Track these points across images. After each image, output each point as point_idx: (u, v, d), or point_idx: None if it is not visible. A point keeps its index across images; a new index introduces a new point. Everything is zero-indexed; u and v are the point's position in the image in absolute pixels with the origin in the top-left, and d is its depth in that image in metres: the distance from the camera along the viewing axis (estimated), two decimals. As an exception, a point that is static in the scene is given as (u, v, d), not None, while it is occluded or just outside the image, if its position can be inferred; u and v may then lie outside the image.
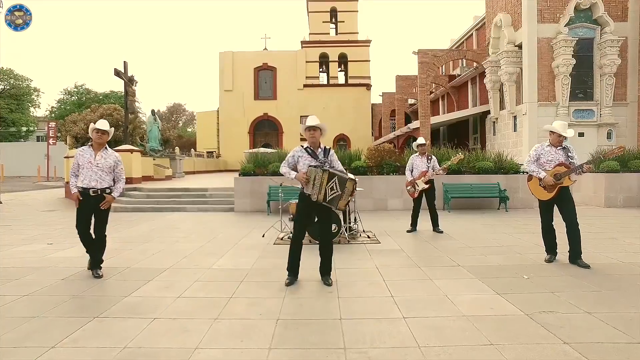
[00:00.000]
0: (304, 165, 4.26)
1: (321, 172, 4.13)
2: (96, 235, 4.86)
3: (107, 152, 4.92)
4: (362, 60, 40.43)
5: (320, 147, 4.40)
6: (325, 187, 4.14)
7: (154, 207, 11.61)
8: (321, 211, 4.35)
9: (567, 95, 17.56)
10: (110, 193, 4.84)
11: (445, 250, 5.94)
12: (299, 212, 4.40)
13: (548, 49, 17.82)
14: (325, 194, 4.15)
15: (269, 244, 6.63)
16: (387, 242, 6.72)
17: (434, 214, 7.57)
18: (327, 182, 4.13)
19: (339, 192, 4.15)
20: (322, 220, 4.40)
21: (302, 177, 4.19)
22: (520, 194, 11.28)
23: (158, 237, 7.38)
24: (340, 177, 4.17)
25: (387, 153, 11.34)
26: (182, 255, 5.85)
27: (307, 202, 4.26)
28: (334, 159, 4.41)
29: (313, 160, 4.27)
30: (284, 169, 4.40)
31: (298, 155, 4.36)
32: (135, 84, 16.55)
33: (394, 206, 11.19)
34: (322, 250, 4.41)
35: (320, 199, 4.17)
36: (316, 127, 4.30)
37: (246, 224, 8.95)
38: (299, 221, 4.40)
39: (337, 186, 4.14)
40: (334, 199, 4.18)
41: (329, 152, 4.41)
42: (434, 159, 7.54)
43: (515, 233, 7.31)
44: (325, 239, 4.42)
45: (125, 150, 15.42)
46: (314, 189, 4.14)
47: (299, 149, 4.41)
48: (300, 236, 4.41)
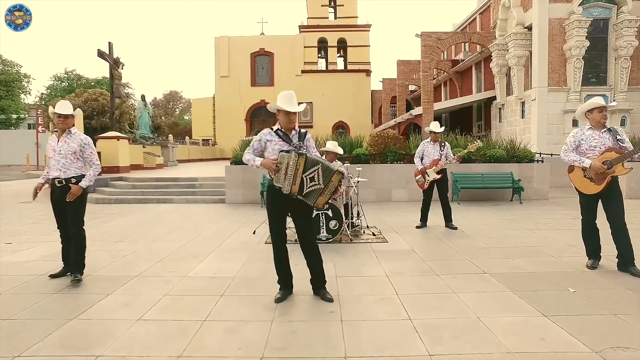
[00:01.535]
0: (273, 151, 3.41)
1: (296, 157, 3.28)
2: (70, 232, 4.14)
3: (70, 135, 4.13)
4: (361, 46, 39.20)
5: (295, 129, 3.52)
6: (302, 177, 3.28)
7: (139, 198, 10.75)
8: (297, 207, 3.47)
9: (579, 80, 16.61)
10: (77, 183, 4.03)
11: (463, 252, 5.11)
12: (270, 213, 3.52)
13: (560, 30, 16.80)
14: (302, 185, 3.29)
15: (259, 243, 5.80)
16: (395, 240, 5.89)
17: (447, 208, 6.74)
18: (305, 169, 3.28)
19: (320, 185, 3.30)
20: (300, 220, 3.52)
21: (270, 164, 3.31)
22: (535, 184, 10.45)
23: (136, 234, 6.54)
24: (326, 166, 3.32)
25: (391, 140, 10.46)
26: (158, 257, 5.01)
27: (278, 197, 3.41)
28: (310, 144, 3.53)
29: (285, 145, 3.41)
30: (248, 155, 3.50)
31: (266, 140, 3.47)
32: (122, 66, 15.54)
33: (399, 197, 10.35)
34: (308, 260, 3.57)
35: (294, 191, 3.30)
36: (295, 112, 3.45)
37: (237, 218, 8.11)
38: (272, 224, 3.52)
39: (319, 177, 3.29)
40: (313, 193, 3.32)
41: (305, 135, 3.52)
42: (447, 146, 6.67)
43: (539, 230, 6.48)
44: (307, 244, 3.54)
45: (112, 137, 14.51)
46: (287, 179, 3.28)
47: (267, 131, 3.51)
48: (280, 242, 3.55)
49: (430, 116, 21.68)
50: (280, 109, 3.40)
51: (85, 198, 4.25)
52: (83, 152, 4.18)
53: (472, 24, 28.40)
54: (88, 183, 4.17)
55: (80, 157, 4.19)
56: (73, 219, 4.13)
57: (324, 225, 5.64)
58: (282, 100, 3.42)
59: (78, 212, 4.16)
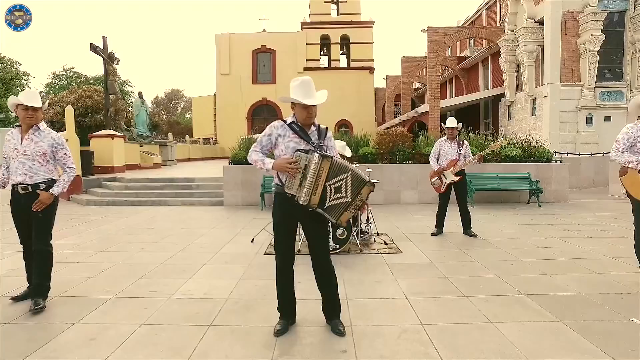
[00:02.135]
0: (286, 150, 2.72)
1: (319, 160, 2.58)
2: (34, 249, 3.45)
3: (39, 133, 3.47)
4: (365, 43, 38.50)
5: (315, 124, 2.82)
6: (325, 185, 2.62)
7: (132, 200, 10.14)
8: (312, 221, 2.78)
9: (593, 76, 15.91)
10: (47, 189, 3.41)
11: (490, 265, 4.47)
12: (276, 227, 2.85)
13: (574, 23, 16.10)
14: (325, 196, 2.63)
15: (258, 254, 5.17)
16: (410, 250, 5.26)
17: (466, 213, 6.09)
18: (330, 176, 2.61)
19: (347, 198, 2.63)
20: (314, 237, 2.85)
21: (285, 166, 2.61)
22: (554, 186, 9.78)
23: (122, 242, 5.92)
24: (356, 174, 2.64)
25: (400, 138, 9.81)
26: (141, 272, 4.39)
27: (289, 208, 2.72)
28: (331, 144, 2.84)
29: (302, 143, 2.73)
30: (255, 154, 2.80)
31: (278, 134, 2.77)
32: (117, 61, 14.92)
33: (408, 199, 9.71)
34: (321, 284, 2.92)
35: (313, 202, 2.63)
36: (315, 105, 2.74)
37: (234, 223, 7.49)
38: (280, 242, 2.85)
39: (346, 187, 2.62)
40: (336, 206, 2.66)
41: (326, 132, 2.83)
42: (466, 145, 6.02)
43: (569, 238, 5.83)
44: (321, 266, 2.88)
45: (106, 136, 13.90)
46: (305, 186, 2.60)
47: (279, 124, 2.80)
48: (286, 265, 2.88)
49: (436, 114, 21.04)
50: (296, 102, 2.70)
51: (56, 208, 3.60)
52: (55, 153, 3.53)
53: (477, 20, 27.73)
54: (61, 190, 3.52)
55: (51, 160, 3.54)
56: (39, 232, 3.46)
57: (330, 234, 5.01)
58: (297, 90, 2.69)
59: (45, 224, 3.50)
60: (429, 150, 9.88)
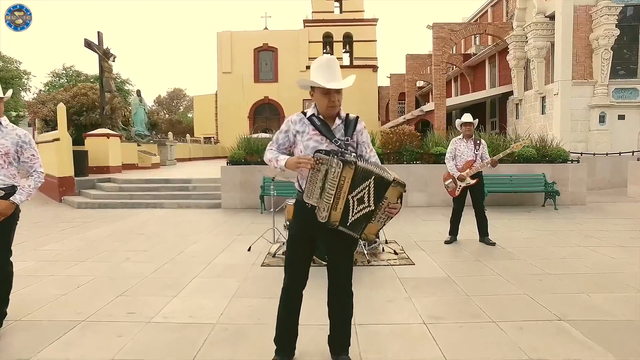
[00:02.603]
0: (305, 150, 2.21)
1: (339, 166, 2.03)
2: None
3: (1, 129, 2.91)
4: (368, 40, 37.98)
5: (340, 115, 2.29)
6: (348, 197, 2.08)
7: (126, 202, 9.66)
8: (335, 236, 2.24)
9: (607, 72, 15.32)
10: (8, 197, 2.88)
11: (515, 281, 3.95)
12: (292, 243, 2.36)
13: (586, 18, 15.51)
14: (347, 211, 2.10)
15: (254, 265, 4.67)
16: (423, 261, 4.74)
17: (482, 219, 5.57)
18: (353, 187, 2.06)
19: (370, 206, 2.10)
20: (336, 255, 2.33)
21: (298, 163, 2.11)
22: (570, 188, 9.23)
23: (107, 251, 5.42)
24: (379, 176, 2.08)
25: (407, 137, 9.29)
26: (122, 288, 3.89)
27: (309, 221, 2.18)
28: (362, 139, 2.30)
29: (324, 141, 2.21)
30: (270, 153, 2.33)
31: (296, 131, 2.27)
32: (113, 58, 14.45)
33: (416, 201, 9.18)
34: (335, 311, 2.39)
35: (334, 220, 2.11)
36: (339, 90, 2.21)
37: (231, 228, 6.99)
38: (292, 260, 2.36)
39: (369, 195, 2.08)
40: (361, 219, 2.13)
41: (356, 124, 2.29)
42: (483, 145, 5.51)
43: (598, 247, 5.29)
44: (339, 290, 2.35)
45: (101, 135, 13.43)
46: (323, 199, 2.08)
47: (297, 118, 2.29)
48: (294, 289, 2.37)
49: (442, 112, 20.51)
50: (316, 86, 2.20)
51: (16, 220, 3.00)
52: (20, 154, 2.98)
53: (483, 17, 27.16)
54: (25, 198, 2.95)
55: (15, 161, 2.99)
56: None
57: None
58: (318, 71, 2.18)
59: (4, 240, 2.94)
60: (438, 150, 9.38)
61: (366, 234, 2.15)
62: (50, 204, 10.50)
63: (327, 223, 2.12)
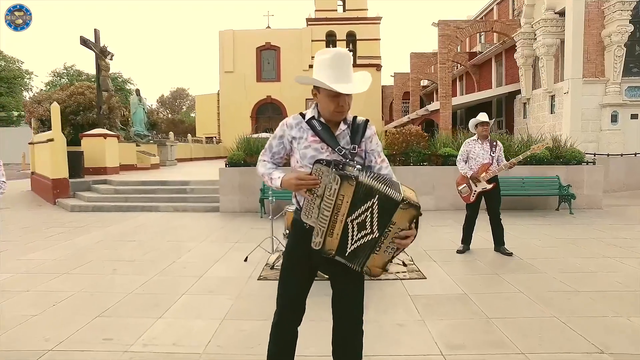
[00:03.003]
0: (303, 158, 1.82)
1: (336, 181, 1.62)
2: None
3: None
4: (371, 39, 37.55)
5: (347, 119, 1.88)
6: (346, 221, 1.68)
7: (121, 205, 9.28)
8: (337, 271, 1.85)
9: (619, 70, 14.83)
10: None
11: (540, 299, 3.53)
12: (286, 267, 1.95)
13: (598, 14, 15.02)
14: (345, 237, 1.68)
15: (251, 278, 4.27)
16: (435, 274, 4.33)
17: (498, 227, 5.16)
18: (353, 208, 1.65)
19: (374, 233, 1.67)
20: (342, 283, 1.90)
21: (305, 184, 1.69)
22: (586, 191, 8.78)
23: (94, 260, 5.04)
24: (384, 195, 1.62)
25: (414, 137, 8.86)
26: (102, 306, 3.50)
27: (308, 244, 1.75)
28: (372, 147, 1.89)
29: (324, 149, 1.81)
30: (262, 167, 1.96)
31: (292, 136, 1.87)
32: (111, 56, 14.09)
33: (424, 205, 8.52)
34: (340, 348, 1.97)
35: (329, 248, 1.70)
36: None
37: (229, 234, 6.60)
38: (285, 289, 1.95)
39: (372, 219, 1.65)
40: (362, 249, 1.69)
41: (365, 129, 1.87)
42: (500, 147, 5.08)
43: (626, 258, 4.85)
44: (345, 332, 1.93)
45: (98, 135, 13.07)
46: (320, 220, 1.68)
47: (293, 121, 1.89)
48: (288, 324, 1.97)
49: (448, 111, 20.06)
50: (322, 87, 1.77)
51: None
52: None
53: (488, 15, 26.66)
54: None
55: None
56: None
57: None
58: (325, 67, 1.75)
59: None
60: (446, 151, 8.96)
61: (369, 267, 1.70)
62: (44, 206, 10.15)
63: (321, 251, 1.71)
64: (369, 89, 1.89)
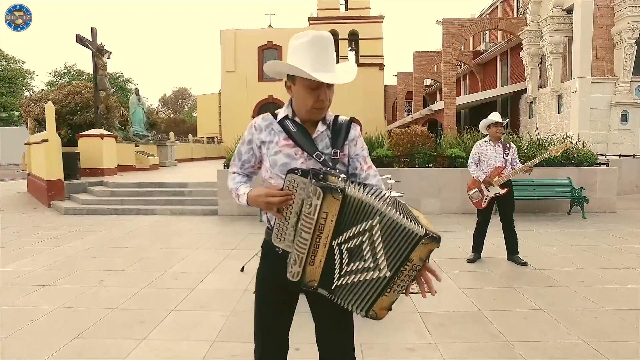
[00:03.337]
0: (272, 167, 1.53)
1: (317, 195, 1.27)
2: None
3: None
4: (374, 38, 37.22)
5: (326, 119, 1.55)
6: (332, 245, 1.33)
7: (116, 208, 8.99)
8: (321, 305, 1.55)
9: (630, 68, 14.44)
10: None
11: (563, 318, 3.20)
12: (260, 300, 1.64)
13: (607, 11, 14.65)
14: (331, 265, 1.33)
15: (247, 291, 3.95)
16: (446, 286, 4.00)
17: (512, 235, 4.82)
18: (340, 228, 1.30)
19: (380, 270, 1.28)
20: (326, 318, 1.58)
21: (276, 202, 1.36)
22: (599, 194, 8.43)
23: (80, 270, 4.73)
24: (396, 222, 1.25)
25: (420, 138, 8.53)
26: (83, 324, 3.19)
27: (282, 271, 1.40)
28: (356, 150, 1.58)
29: (298, 155, 1.50)
30: (231, 180, 1.72)
31: (261, 141, 1.57)
32: (108, 55, 13.80)
33: (430, 208, 8.42)
34: None
35: (310, 279, 1.36)
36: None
37: (225, 240, 6.29)
38: (263, 326, 1.63)
39: (373, 248, 1.28)
40: (360, 287, 1.33)
41: (348, 130, 1.56)
42: (513, 149, 4.75)
43: (650, 268, 4.52)
44: None
45: (95, 136, 12.79)
46: (297, 242, 1.33)
47: (262, 122, 1.57)
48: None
49: (452, 111, 19.73)
50: (298, 76, 1.44)
51: None
52: None
53: (492, 13, 26.28)
54: None
55: None
56: None
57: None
58: (302, 53, 1.42)
59: None
60: (453, 152, 8.62)
61: (376, 311, 1.35)
62: (39, 209, 9.87)
63: (300, 283, 1.36)
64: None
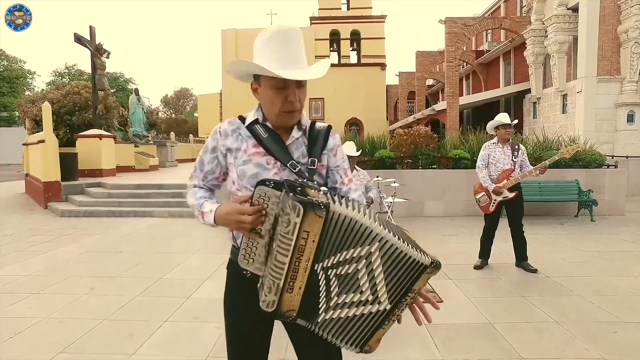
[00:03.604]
0: (240, 179, 1.35)
1: (297, 211, 1.05)
2: None
3: None
4: (376, 38, 37.00)
5: (302, 124, 1.37)
6: (312, 267, 1.10)
7: (114, 210, 8.81)
8: (303, 334, 1.29)
9: (636, 67, 14.21)
10: None
11: (583, 333, 3.00)
12: (230, 328, 1.43)
13: (614, 9, 14.42)
14: (312, 292, 1.12)
15: (244, 301, 3.76)
16: (453, 295, 3.81)
17: (521, 240, 4.61)
18: (325, 249, 1.10)
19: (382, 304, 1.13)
20: (308, 345, 1.38)
21: (242, 219, 1.16)
22: (607, 196, 8.22)
23: (72, 277, 4.55)
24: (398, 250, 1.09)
25: (423, 139, 8.33)
26: (69, 338, 3.01)
27: (253, 295, 1.21)
28: (336, 161, 1.41)
29: (270, 164, 1.32)
30: (192, 195, 1.54)
31: (226, 148, 1.38)
32: (107, 54, 13.64)
33: (433, 211, 8.22)
34: None
35: (288, 309, 1.13)
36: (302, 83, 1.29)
37: (224, 243, 6.09)
38: (236, 355, 1.42)
39: (370, 277, 1.10)
40: (353, 322, 1.15)
41: (327, 137, 1.39)
42: (522, 151, 4.55)
43: (667, 276, 4.31)
44: None
45: (93, 136, 12.62)
46: (271, 265, 1.11)
47: (229, 127, 1.39)
48: None
49: (455, 111, 19.49)
50: (262, 75, 1.28)
51: None
52: None
53: (495, 13, 26.06)
54: None
55: None
56: None
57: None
58: (266, 50, 1.26)
59: None
60: (457, 153, 8.42)
61: (370, 345, 1.19)
62: (35, 210, 9.71)
63: (275, 313, 1.15)
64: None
